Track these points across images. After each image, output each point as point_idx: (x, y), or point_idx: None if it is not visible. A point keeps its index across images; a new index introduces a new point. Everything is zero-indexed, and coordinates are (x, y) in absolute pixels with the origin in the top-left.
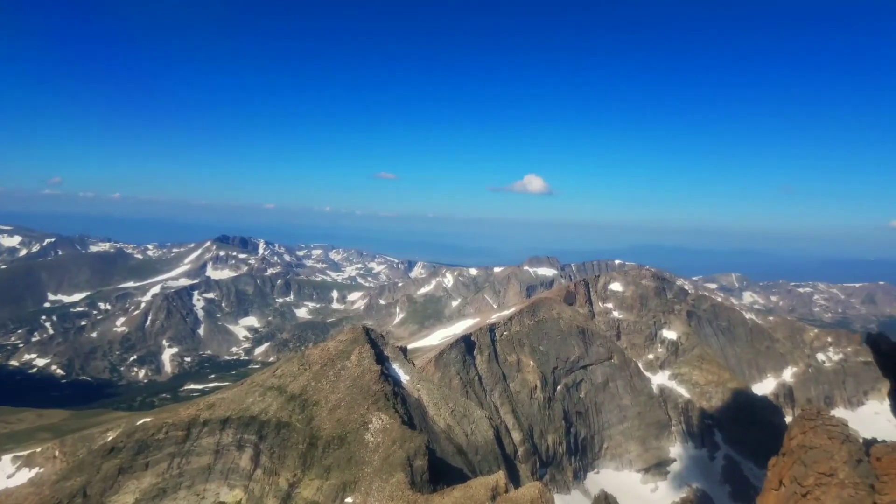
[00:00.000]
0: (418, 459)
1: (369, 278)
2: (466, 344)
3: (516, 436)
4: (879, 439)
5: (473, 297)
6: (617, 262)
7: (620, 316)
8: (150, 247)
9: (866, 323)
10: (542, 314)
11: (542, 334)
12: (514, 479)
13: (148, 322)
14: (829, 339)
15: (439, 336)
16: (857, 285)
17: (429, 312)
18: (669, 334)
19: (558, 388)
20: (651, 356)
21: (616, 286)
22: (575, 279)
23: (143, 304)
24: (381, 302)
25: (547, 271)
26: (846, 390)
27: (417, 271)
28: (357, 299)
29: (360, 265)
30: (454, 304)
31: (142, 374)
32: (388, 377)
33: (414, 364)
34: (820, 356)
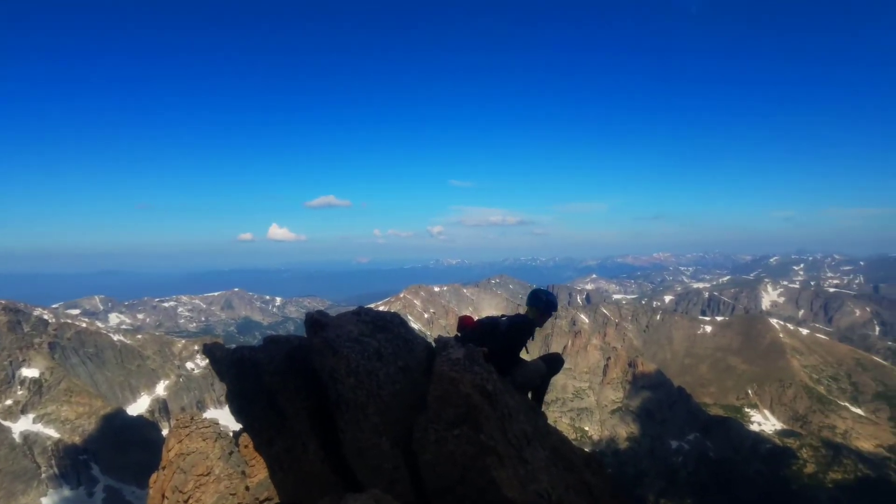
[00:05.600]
0: None
1: None
2: None
3: None
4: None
5: None
6: None
7: None
8: None
9: (227, 327)
10: None
11: None
12: None
13: None
14: (196, 348)
15: None
16: (216, 294)
17: None
18: (31, 372)
19: None
20: (10, 402)
21: None
22: None
23: None
24: None
25: None
26: (215, 391)
27: None
28: None
29: None
30: None
31: None
32: None
33: None
34: (189, 364)
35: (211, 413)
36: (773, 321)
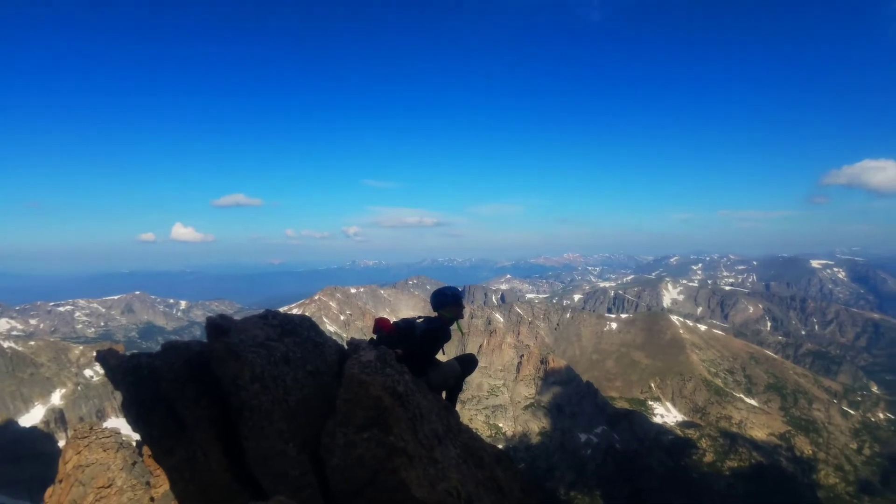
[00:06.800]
0: None
1: None
2: None
3: None
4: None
5: None
6: None
7: None
8: None
9: (128, 332)
10: None
11: None
12: None
13: None
14: (95, 354)
15: None
16: (116, 297)
17: None
18: None
19: None
20: None
21: None
22: None
23: None
24: None
25: None
26: (116, 400)
27: None
28: None
29: None
30: None
31: None
32: None
33: None
34: (88, 372)
35: (112, 422)
36: (674, 318)
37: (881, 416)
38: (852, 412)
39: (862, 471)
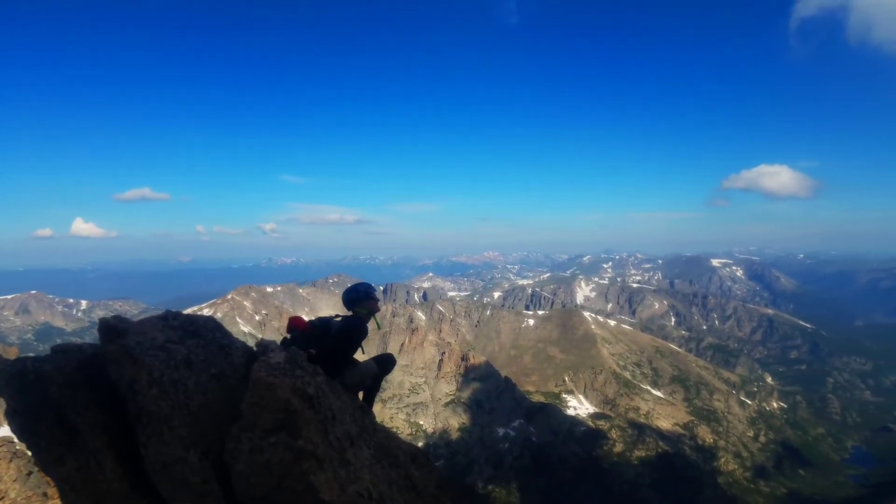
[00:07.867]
0: None
1: None
2: None
3: None
4: None
5: None
6: None
7: None
8: None
9: (23, 334)
10: None
11: None
12: None
13: None
14: None
15: None
16: (9, 297)
17: None
18: None
19: None
20: None
21: None
22: None
23: None
24: None
25: None
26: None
27: None
28: None
29: None
30: None
31: None
32: None
33: None
34: None
35: (5, 431)
36: (586, 314)
37: (775, 405)
38: (749, 402)
39: (758, 457)
